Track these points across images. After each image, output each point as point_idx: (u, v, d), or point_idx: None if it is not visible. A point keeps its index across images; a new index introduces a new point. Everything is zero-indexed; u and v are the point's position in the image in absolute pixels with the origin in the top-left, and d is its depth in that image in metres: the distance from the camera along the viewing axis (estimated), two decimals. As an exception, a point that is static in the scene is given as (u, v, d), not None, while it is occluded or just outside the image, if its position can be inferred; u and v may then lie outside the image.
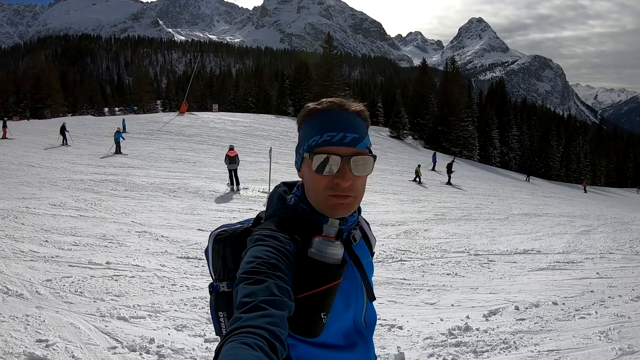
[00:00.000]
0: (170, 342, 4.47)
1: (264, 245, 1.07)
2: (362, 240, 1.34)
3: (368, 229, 1.43)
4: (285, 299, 0.95)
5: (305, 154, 1.20)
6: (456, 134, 62.68)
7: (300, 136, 1.27)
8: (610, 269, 9.27)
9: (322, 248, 1.10)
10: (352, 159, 1.15)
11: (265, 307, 0.90)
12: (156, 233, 9.09)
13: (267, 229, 1.15)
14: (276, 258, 1.04)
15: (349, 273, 1.21)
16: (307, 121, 1.24)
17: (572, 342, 5.15)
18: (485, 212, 16.18)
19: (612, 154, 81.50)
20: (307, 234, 1.17)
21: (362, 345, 1.26)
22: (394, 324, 5.38)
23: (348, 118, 1.19)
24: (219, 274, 1.32)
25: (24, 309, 5.07)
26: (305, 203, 1.24)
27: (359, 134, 1.19)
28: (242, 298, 0.93)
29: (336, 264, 1.11)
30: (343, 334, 1.22)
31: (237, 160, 16.34)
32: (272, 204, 1.30)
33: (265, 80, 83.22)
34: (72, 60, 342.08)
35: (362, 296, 1.27)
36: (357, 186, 1.18)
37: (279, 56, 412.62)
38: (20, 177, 14.73)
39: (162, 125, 36.09)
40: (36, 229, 8.77)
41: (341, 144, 1.16)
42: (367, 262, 1.32)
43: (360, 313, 1.27)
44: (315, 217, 1.22)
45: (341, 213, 1.19)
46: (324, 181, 1.16)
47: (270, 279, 0.98)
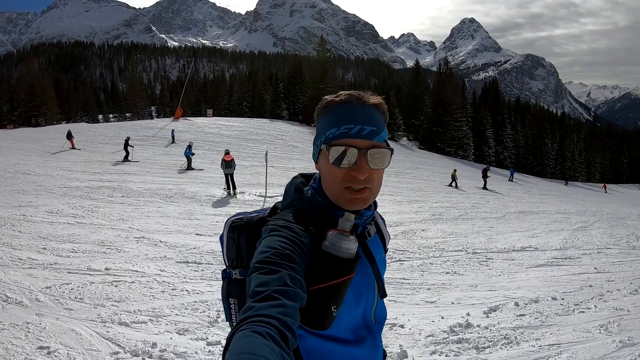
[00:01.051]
0: (172, 346, 4.46)
1: (278, 236, 1.08)
2: (376, 236, 1.34)
3: (383, 224, 1.43)
4: (298, 290, 0.96)
5: (322, 145, 1.20)
6: (451, 134, 62.82)
7: (317, 128, 1.27)
8: (607, 263, 9.32)
9: (336, 242, 1.11)
10: (369, 151, 1.15)
11: (278, 297, 0.91)
12: (154, 238, 9.08)
13: (283, 219, 1.16)
14: (290, 249, 1.05)
15: (361, 268, 1.21)
16: (324, 113, 1.24)
17: (573, 336, 5.18)
18: (482, 211, 16.23)
19: (607, 151, 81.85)
20: (322, 226, 1.17)
21: (370, 340, 1.26)
22: (396, 322, 5.39)
23: (366, 111, 1.19)
24: (233, 261, 1.33)
25: (24, 316, 5.06)
26: (321, 195, 1.24)
27: (377, 127, 1.19)
28: (255, 287, 0.94)
29: (350, 259, 1.11)
30: (352, 328, 1.22)
31: (233, 164, 16.32)
32: (289, 195, 1.31)
33: (259, 84, 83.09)
34: (65, 68, 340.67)
35: (373, 292, 1.27)
36: (373, 179, 1.19)
37: (272, 60, 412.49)
38: (16, 184, 14.68)
39: (157, 131, 36.03)
40: (34, 236, 8.74)
41: (358, 136, 1.16)
42: (380, 258, 1.32)
43: (371, 309, 1.27)
44: (331, 210, 1.22)
45: (357, 206, 1.19)
46: (341, 173, 1.16)
47: (284, 269, 0.98)
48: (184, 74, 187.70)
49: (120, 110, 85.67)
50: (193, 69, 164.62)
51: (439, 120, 63.02)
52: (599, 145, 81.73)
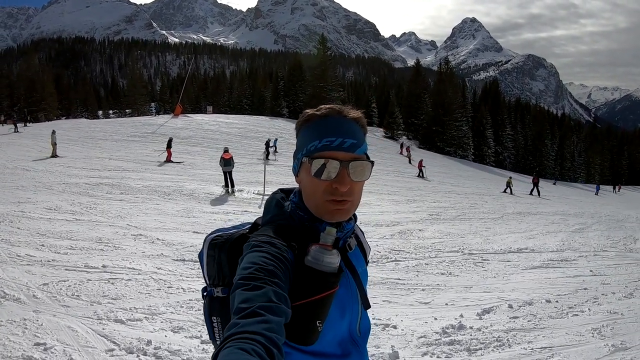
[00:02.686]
0: (167, 344, 4.50)
1: (261, 252, 1.07)
2: (357, 248, 1.34)
3: (363, 237, 1.43)
4: (282, 306, 0.95)
5: (304, 158, 1.20)
6: (450, 134, 62.89)
7: (298, 142, 1.27)
8: (604, 266, 9.34)
9: (319, 256, 1.11)
10: (350, 164, 1.16)
11: (262, 313, 0.90)
12: (152, 236, 9.10)
13: (265, 235, 1.15)
14: (273, 264, 1.04)
15: (344, 281, 1.21)
16: (306, 127, 1.25)
17: (565, 339, 5.20)
18: (480, 212, 16.26)
19: (606, 152, 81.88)
20: (304, 241, 1.17)
21: (357, 353, 1.26)
22: (388, 323, 5.41)
23: (346, 124, 1.21)
24: (214, 279, 1.32)
25: (22, 313, 5.09)
26: (302, 210, 1.24)
27: (357, 140, 1.20)
28: (239, 304, 0.93)
29: (333, 272, 1.11)
30: (338, 342, 1.22)
31: (232, 162, 16.35)
32: (270, 210, 1.30)
33: (260, 81, 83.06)
34: (66, 63, 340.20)
35: (357, 304, 1.27)
36: (354, 191, 1.19)
37: (273, 57, 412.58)
38: (15, 181, 14.70)
39: (157, 128, 36.02)
40: (32, 233, 8.77)
41: (340, 149, 1.17)
42: (362, 271, 1.32)
43: (355, 321, 1.27)
44: (312, 224, 1.22)
45: (339, 217, 1.19)
46: (322, 186, 1.17)
47: (268, 285, 0.98)
48: (184, 71, 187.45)
49: (120, 106, 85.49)
50: (193, 66, 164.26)
51: (439, 120, 63.07)
52: (599, 147, 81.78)
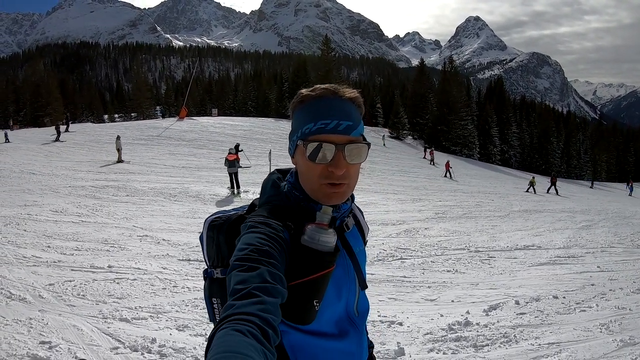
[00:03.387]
0: (171, 342, 4.49)
1: (256, 232, 1.07)
2: (355, 228, 1.34)
3: (361, 216, 1.43)
4: (278, 286, 0.96)
5: (298, 141, 1.19)
6: (456, 133, 62.77)
7: (293, 123, 1.25)
8: (611, 262, 9.26)
9: (315, 236, 1.10)
10: (346, 147, 1.15)
11: (257, 294, 0.90)
12: (157, 237, 9.11)
13: (260, 215, 1.16)
14: (269, 245, 1.04)
15: (341, 261, 1.21)
16: (300, 108, 1.23)
17: (573, 335, 5.16)
18: (486, 210, 16.17)
19: (612, 149, 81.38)
20: (300, 221, 1.17)
21: (355, 333, 1.26)
22: (394, 320, 5.38)
23: (342, 105, 1.19)
24: (213, 260, 1.33)
25: (27, 312, 5.11)
26: (298, 190, 1.23)
27: (353, 122, 1.18)
28: (234, 285, 0.94)
29: (329, 252, 1.11)
30: (335, 322, 1.22)
31: (237, 164, 16.37)
32: (266, 190, 1.30)
33: (264, 83, 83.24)
34: (71, 68, 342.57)
35: (354, 284, 1.26)
36: (350, 174, 1.18)
37: (277, 59, 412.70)
38: (22, 184, 14.79)
39: (162, 131, 36.11)
40: (38, 235, 8.80)
41: (335, 131, 1.15)
42: (359, 250, 1.32)
43: (353, 301, 1.26)
44: (308, 204, 1.21)
45: (335, 201, 1.19)
46: (318, 169, 1.16)
47: (263, 265, 0.98)
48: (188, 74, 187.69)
49: (125, 110, 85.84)
50: (198, 69, 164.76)
51: (444, 119, 63.00)
52: (605, 144, 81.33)
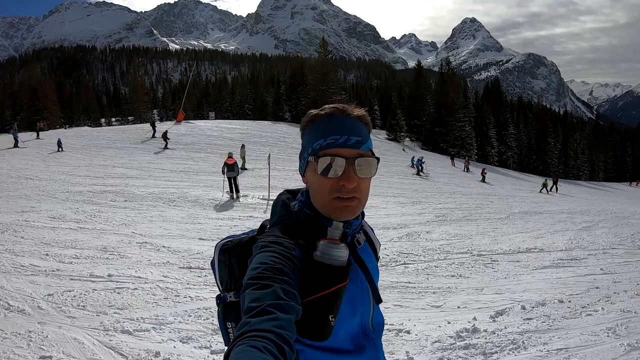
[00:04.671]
0: (176, 355, 4.41)
1: (269, 251, 1.09)
2: (366, 244, 1.36)
3: (372, 233, 1.45)
4: (292, 303, 0.97)
5: (309, 157, 1.21)
6: (453, 135, 62.89)
7: (304, 142, 1.28)
8: (613, 264, 9.23)
9: (327, 251, 1.12)
10: (356, 160, 1.17)
11: (272, 310, 0.92)
12: (157, 243, 9.02)
13: (272, 235, 1.17)
14: (282, 263, 1.05)
15: (354, 276, 1.22)
16: (310, 126, 1.26)
17: (581, 340, 5.10)
18: (486, 212, 16.14)
19: (610, 149, 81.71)
20: (311, 238, 1.18)
21: (371, 348, 1.27)
22: (402, 328, 5.32)
23: (351, 122, 1.22)
24: (226, 284, 1.33)
25: (26, 324, 5.01)
26: (309, 208, 1.25)
27: (362, 137, 1.21)
28: (249, 303, 0.95)
29: (342, 266, 1.12)
30: (351, 337, 1.22)
31: (237, 168, 16.31)
32: (276, 211, 1.32)
33: (261, 86, 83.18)
34: (67, 72, 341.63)
35: (368, 299, 1.28)
36: (362, 188, 1.20)
37: (274, 62, 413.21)
38: (19, 190, 14.67)
39: (159, 135, 35.96)
40: (36, 242, 8.70)
41: (345, 145, 1.18)
42: (372, 266, 1.33)
43: (368, 316, 1.27)
44: (319, 221, 1.23)
45: (347, 215, 1.20)
46: (329, 183, 1.17)
47: (277, 283, 0.99)
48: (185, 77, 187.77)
49: (122, 113, 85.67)
50: (195, 72, 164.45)
51: (442, 121, 63.13)
52: (602, 144, 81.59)
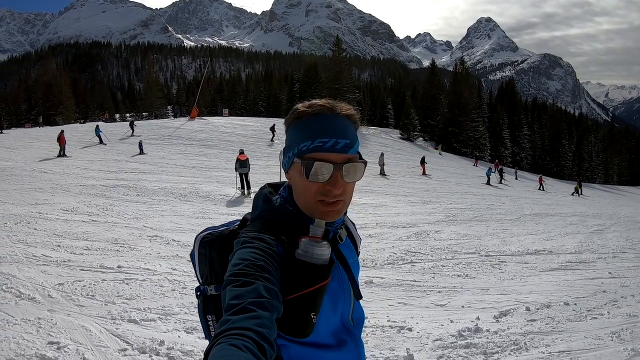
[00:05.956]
0: (180, 344, 4.50)
1: (250, 247, 1.08)
2: (348, 239, 1.35)
3: (353, 228, 1.44)
4: (274, 301, 0.96)
5: (295, 159, 1.19)
6: (467, 135, 62.46)
7: (289, 139, 1.24)
8: (623, 268, 9.14)
9: (309, 249, 1.11)
10: (344, 166, 1.15)
11: (253, 308, 0.91)
12: (167, 237, 9.15)
13: (253, 230, 1.16)
14: (263, 260, 1.04)
15: (336, 273, 1.22)
16: (296, 124, 1.22)
17: (584, 343, 5.08)
18: (497, 213, 16.07)
19: (625, 152, 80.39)
20: (293, 234, 1.17)
21: (352, 343, 1.27)
22: (404, 325, 5.34)
23: (339, 123, 1.18)
24: (206, 277, 1.33)
25: (36, 312, 5.14)
26: (291, 205, 1.24)
27: (350, 140, 1.18)
28: (230, 300, 0.94)
29: (324, 264, 1.11)
30: (332, 332, 1.23)
31: (248, 164, 16.39)
32: (258, 205, 1.30)
33: (275, 84, 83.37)
34: (82, 68, 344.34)
35: (349, 295, 1.28)
36: (347, 191, 1.18)
37: (288, 60, 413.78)
38: (33, 183, 14.91)
39: (173, 131, 36.31)
40: (48, 234, 8.87)
41: (333, 150, 1.15)
42: (353, 261, 1.33)
43: (348, 312, 1.28)
44: (301, 218, 1.22)
45: (331, 218, 1.19)
46: (315, 187, 1.16)
47: (258, 280, 0.98)
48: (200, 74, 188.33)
49: (137, 109, 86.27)
50: (209, 69, 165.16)
51: (455, 121, 62.70)
52: (617, 147, 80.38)
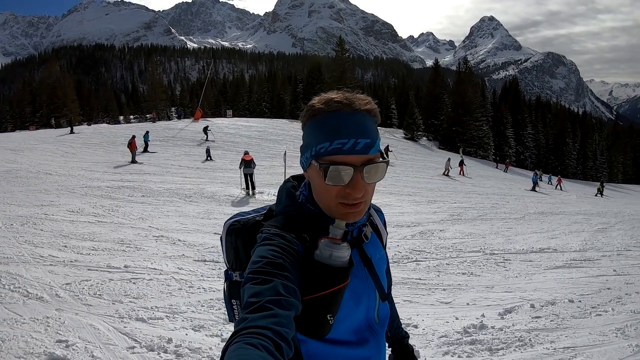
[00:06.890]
0: (187, 342, 4.54)
1: (270, 245, 1.07)
2: (373, 235, 1.31)
3: (379, 221, 1.39)
4: (292, 299, 0.95)
5: (313, 161, 1.13)
6: (471, 134, 62.32)
7: (306, 137, 1.18)
8: (627, 266, 9.14)
9: (327, 251, 1.08)
10: (364, 168, 1.09)
11: (271, 307, 0.90)
12: (173, 237, 9.19)
13: (275, 226, 1.15)
14: (282, 257, 1.03)
15: (359, 272, 1.20)
16: (312, 122, 1.15)
17: (588, 339, 5.10)
18: (501, 212, 16.05)
19: (629, 150, 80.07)
20: (315, 232, 1.15)
21: (374, 340, 1.25)
22: (409, 322, 5.38)
23: (358, 120, 1.11)
24: (232, 263, 1.34)
25: (44, 311, 5.19)
26: (312, 204, 1.20)
27: (371, 139, 1.11)
28: (248, 298, 0.94)
29: (343, 267, 1.09)
30: (354, 330, 1.21)
31: (253, 164, 16.42)
32: (281, 200, 1.27)
33: (279, 85, 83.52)
34: (86, 70, 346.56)
35: (374, 294, 1.25)
36: (368, 192, 1.14)
37: (291, 61, 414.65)
38: (39, 184, 14.99)
39: (177, 132, 36.42)
40: (55, 234, 8.92)
41: (353, 152, 1.09)
42: (379, 257, 1.30)
43: (373, 309, 1.26)
44: (322, 217, 1.19)
45: (352, 219, 1.15)
46: (335, 190, 1.11)
47: (277, 278, 0.98)
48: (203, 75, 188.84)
49: (141, 111, 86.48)
50: (212, 70, 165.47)
51: (459, 120, 62.56)
52: (621, 145, 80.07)
